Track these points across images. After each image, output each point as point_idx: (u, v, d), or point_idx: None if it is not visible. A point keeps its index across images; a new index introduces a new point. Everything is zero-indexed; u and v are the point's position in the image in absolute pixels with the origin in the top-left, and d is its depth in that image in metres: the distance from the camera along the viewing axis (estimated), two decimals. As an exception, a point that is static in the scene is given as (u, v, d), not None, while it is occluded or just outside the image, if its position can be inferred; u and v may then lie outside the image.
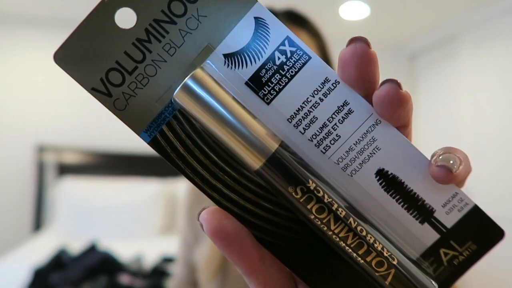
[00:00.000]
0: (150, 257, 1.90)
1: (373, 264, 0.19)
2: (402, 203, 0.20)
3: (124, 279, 1.60)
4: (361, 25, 2.80)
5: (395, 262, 0.19)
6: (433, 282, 0.19)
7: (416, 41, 3.21)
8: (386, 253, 0.19)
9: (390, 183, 0.20)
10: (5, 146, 2.77)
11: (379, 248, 0.19)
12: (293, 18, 0.69)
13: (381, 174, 0.20)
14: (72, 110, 2.86)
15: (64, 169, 2.77)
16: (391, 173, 0.19)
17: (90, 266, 1.63)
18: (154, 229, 2.53)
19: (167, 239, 2.29)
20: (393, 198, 0.20)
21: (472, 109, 2.67)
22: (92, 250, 1.89)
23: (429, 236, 0.20)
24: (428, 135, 3.15)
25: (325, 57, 0.70)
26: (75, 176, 2.71)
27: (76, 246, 1.92)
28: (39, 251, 1.95)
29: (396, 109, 0.18)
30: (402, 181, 0.20)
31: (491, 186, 2.44)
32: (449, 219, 0.20)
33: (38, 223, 2.68)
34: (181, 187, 2.55)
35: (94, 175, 2.76)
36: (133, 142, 2.90)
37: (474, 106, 2.66)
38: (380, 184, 0.20)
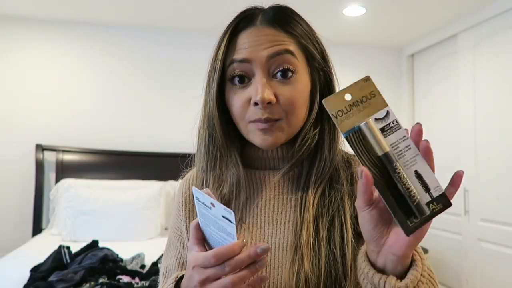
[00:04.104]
0: (151, 258, 1.89)
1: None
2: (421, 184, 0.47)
3: (124, 278, 1.60)
4: (361, 23, 2.82)
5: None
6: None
7: (415, 41, 3.24)
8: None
9: (419, 176, 0.47)
10: (6, 146, 2.77)
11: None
12: (271, 21, 0.65)
13: (417, 173, 0.47)
14: (73, 111, 2.87)
15: (64, 169, 2.76)
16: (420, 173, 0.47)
17: (90, 266, 1.62)
18: (154, 230, 2.53)
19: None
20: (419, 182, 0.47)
21: (471, 105, 2.68)
22: (94, 245, 1.89)
23: (426, 197, 0.47)
24: (428, 131, 3.14)
25: (309, 54, 0.67)
26: (75, 177, 2.70)
27: (76, 247, 1.91)
28: (39, 251, 1.95)
29: (428, 153, 0.46)
30: (423, 176, 0.47)
31: (488, 180, 2.42)
32: (434, 193, 0.47)
33: (38, 224, 2.67)
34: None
35: (94, 176, 2.76)
36: (134, 143, 2.90)
37: (472, 102, 2.67)
38: (416, 177, 0.47)
